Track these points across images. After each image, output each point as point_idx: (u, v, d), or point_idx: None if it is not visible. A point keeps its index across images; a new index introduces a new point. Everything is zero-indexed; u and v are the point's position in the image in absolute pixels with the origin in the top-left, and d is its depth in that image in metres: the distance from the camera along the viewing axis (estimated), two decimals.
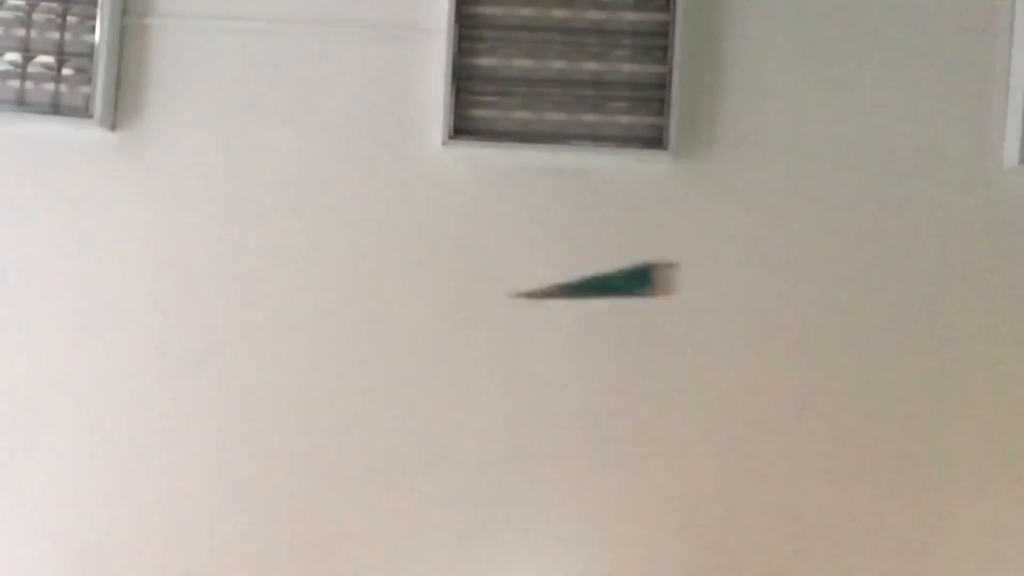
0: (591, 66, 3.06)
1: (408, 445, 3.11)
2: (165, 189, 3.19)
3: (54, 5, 3.13)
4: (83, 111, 3.12)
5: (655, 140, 3.04)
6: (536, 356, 3.10)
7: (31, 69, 3.14)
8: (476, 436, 3.10)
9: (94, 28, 3.12)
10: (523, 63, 3.08)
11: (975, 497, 3.00)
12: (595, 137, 3.06)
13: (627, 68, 3.06)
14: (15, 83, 3.14)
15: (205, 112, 3.19)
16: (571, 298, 2.41)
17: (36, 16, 3.14)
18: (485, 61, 3.08)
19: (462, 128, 3.07)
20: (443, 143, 3.08)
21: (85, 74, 3.12)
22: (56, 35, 3.14)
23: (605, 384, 3.08)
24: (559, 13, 3.07)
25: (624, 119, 3.06)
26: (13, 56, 3.14)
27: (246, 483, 3.12)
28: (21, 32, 3.14)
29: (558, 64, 3.07)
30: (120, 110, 3.19)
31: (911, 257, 3.05)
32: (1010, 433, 3.01)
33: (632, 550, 3.06)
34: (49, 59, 3.14)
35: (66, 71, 3.13)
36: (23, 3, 3.14)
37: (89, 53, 3.12)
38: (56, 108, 3.13)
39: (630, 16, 3.06)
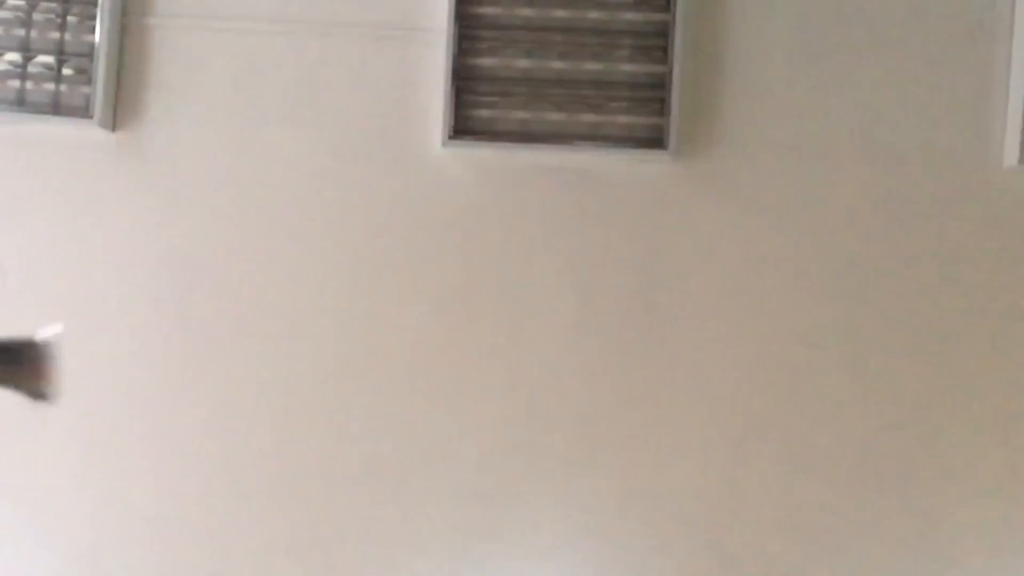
0: (591, 66, 3.06)
1: (408, 445, 3.11)
2: (165, 189, 3.19)
3: (54, 5, 3.13)
4: (83, 111, 3.12)
5: (655, 140, 3.04)
6: (536, 356, 3.10)
7: (31, 69, 3.14)
8: (476, 436, 3.10)
9: (94, 28, 3.12)
10: (523, 63, 3.08)
11: (975, 497, 3.00)
12: (595, 137, 3.06)
13: (627, 68, 3.06)
14: (15, 83, 3.14)
15: (205, 112, 3.19)
16: None
17: (36, 16, 3.14)
18: (485, 61, 3.08)
19: (462, 128, 3.08)
20: (443, 143, 3.08)
21: (85, 74, 3.12)
22: (56, 35, 3.14)
23: (605, 384, 3.08)
24: (559, 13, 3.07)
25: (624, 119, 3.06)
26: (13, 56, 3.14)
27: (246, 483, 3.12)
28: (21, 32, 3.14)
29: (558, 64, 3.07)
30: (120, 110, 3.19)
31: (911, 257, 3.05)
32: (1010, 433, 3.01)
33: (632, 550, 3.06)
34: (49, 59, 3.14)
35: (66, 71, 3.13)
36: (23, 3, 3.14)
37: (89, 53, 3.12)
38: (56, 108, 3.13)
39: (630, 16, 3.06)
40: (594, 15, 3.07)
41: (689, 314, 3.06)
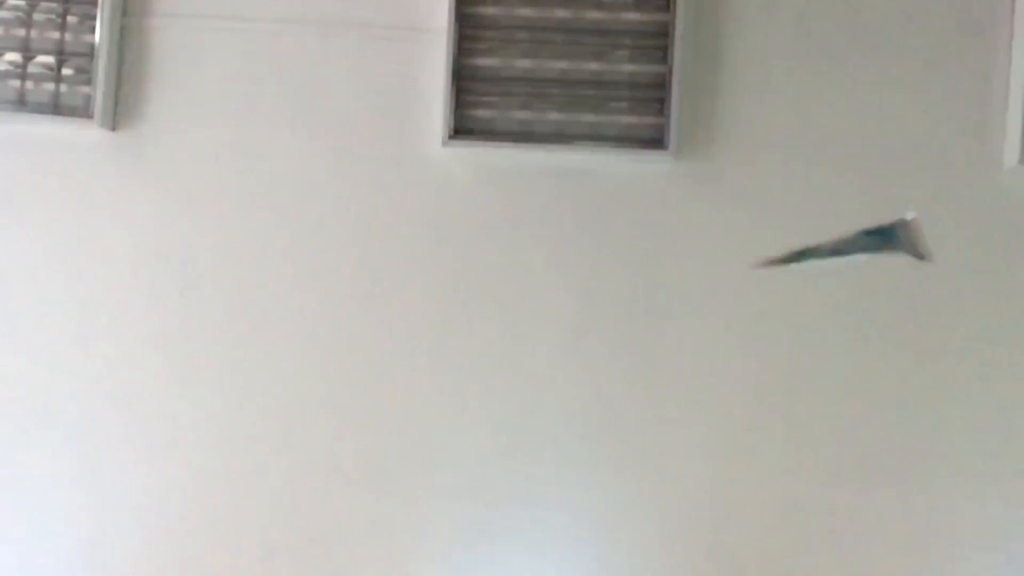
0: (591, 66, 3.06)
1: (408, 445, 3.11)
2: (165, 189, 3.19)
3: (54, 5, 3.13)
4: (83, 111, 3.12)
5: (655, 140, 3.04)
6: (536, 356, 3.10)
7: (31, 69, 3.14)
8: (476, 436, 3.10)
9: (94, 28, 3.12)
10: (523, 63, 3.08)
11: (975, 497, 3.00)
12: (595, 137, 3.06)
13: (627, 68, 3.06)
14: (15, 83, 3.14)
15: (205, 112, 3.19)
16: (814, 261, 2.34)
17: (36, 16, 3.14)
18: (485, 61, 3.08)
19: (462, 128, 3.07)
20: (443, 143, 3.08)
21: (85, 74, 3.12)
22: (56, 35, 3.14)
23: (605, 384, 3.08)
24: (559, 13, 3.07)
25: (624, 119, 3.06)
26: (13, 56, 3.14)
27: (246, 483, 3.12)
28: (21, 32, 3.14)
29: (558, 64, 3.07)
30: (120, 110, 3.19)
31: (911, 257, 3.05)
32: (1010, 433, 3.01)
33: (632, 550, 3.06)
34: (49, 59, 3.14)
35: (66, 71, 3.13)
36: (23, 3, 3.14)
37: (89, 53, 3.12)
38: (56, 108, 3.14)
39: (630, 16, 3.06)
40: (594, 15, 3.07)
41: (689, 314, 3.06)
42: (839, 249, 2.28)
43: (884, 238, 2.20)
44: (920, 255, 2.16)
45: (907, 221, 2.15)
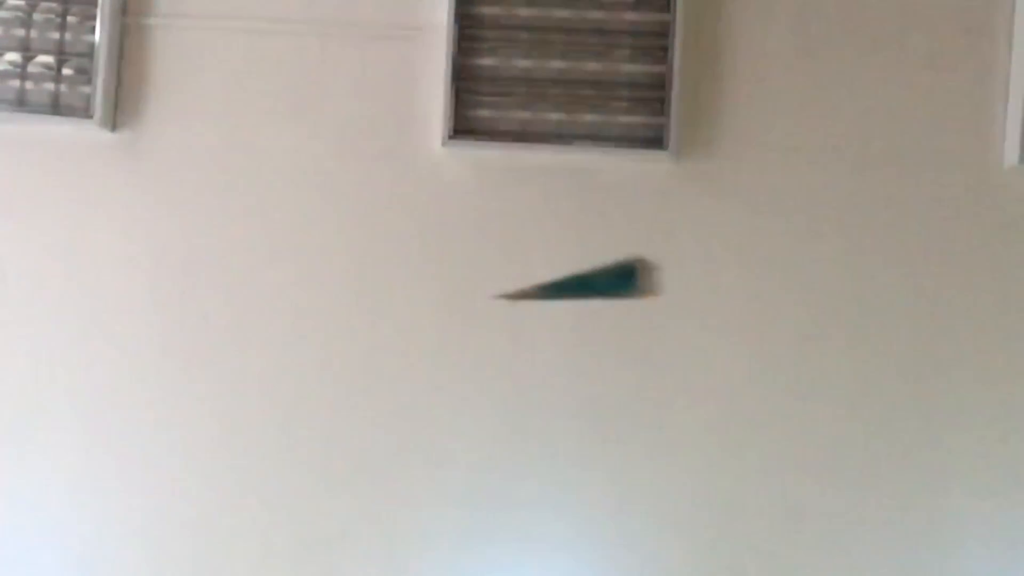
0: (591, 66, 3.06)
1: (408, 445, 3.11)
2: (165, 189, 3.19)
3: (54, 5, 3.13)
4: (83, 111, 3.12)
5: (655, 140, 3.04)
6: (536, 356, 3.10)
7: (31, 69, 3.14)
8: (476, 436, 3.09)
9: (94, 28, 3.12)
10: (523, 63, 3.08)
11: (975, 497, 3.00)
12: (595, 137, 3.06)
13: (627, 68, 3.06)
14: (15, 83, 3.14)
15: (205, 112, 3.19)
16: (551, 299, 2.38)
17: (36, 16, 3.14)
18: (485, 61, 3.08)
19: (462, 128, 3.07)
20: (443, 143, 3.08)
21: (85, 74, 3.12)
22: (56, 35, 3.14)
23: (605, 384, 3.08)
24: (559, 13, 3.07)
25: (624, 119, 3.06)
26: (13, 56, 3.14)
27: (246, 483, 3.12)
28: (21, 32, 3.14)
29: (558, 64, 3.07)
30: (120, 110, 3.19)
31: (911, 257, 3.05)
32: (1010, 433, 3.01)
33: (632, 550, 3.06)
34: (49, 59, 3.14)
35: (66, 71, 3.13)
36: (23, 3, 3.14)
37: (89, 53, 3.12)
38: (56, 108, 3.13)
39: (630, 16, 3.06)
40: (594, 15, 3.06)
41: (688, 313, 3.06)
42: (570, 290, 2.35)
43: (622, 279, 2.25)
44: (647, 293, 2.23)
45: (641, 263, 2.20)
